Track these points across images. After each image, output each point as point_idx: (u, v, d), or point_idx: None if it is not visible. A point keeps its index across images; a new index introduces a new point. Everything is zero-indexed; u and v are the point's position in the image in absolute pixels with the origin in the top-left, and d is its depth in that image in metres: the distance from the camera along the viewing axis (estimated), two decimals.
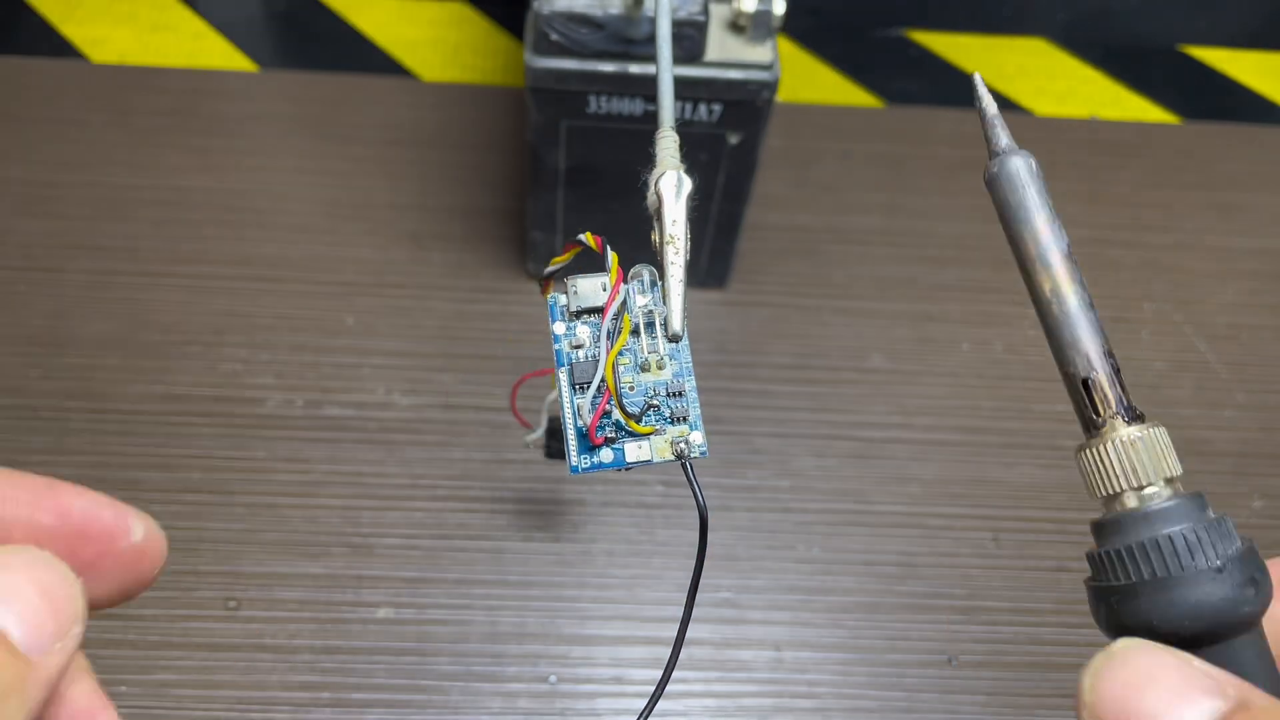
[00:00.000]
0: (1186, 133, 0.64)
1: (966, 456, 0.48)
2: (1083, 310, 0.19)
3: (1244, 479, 0.49)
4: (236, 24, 0.65)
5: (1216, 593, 0.16)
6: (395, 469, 0.46)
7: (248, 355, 0.49)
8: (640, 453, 0.25)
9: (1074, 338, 0.19)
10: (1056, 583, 0.45)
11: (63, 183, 0.55)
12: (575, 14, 0.40)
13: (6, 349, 0.49)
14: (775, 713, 0.41)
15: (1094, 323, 0.19)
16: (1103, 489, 0.18)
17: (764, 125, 0.44)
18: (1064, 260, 0.19)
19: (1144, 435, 0.18)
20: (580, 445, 0.25)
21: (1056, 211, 0.20)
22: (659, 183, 0.24)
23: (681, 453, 0.25)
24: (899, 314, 0.53)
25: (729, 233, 0.50)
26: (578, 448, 0.25)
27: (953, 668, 0.43)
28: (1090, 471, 0.18)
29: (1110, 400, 0.18)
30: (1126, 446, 0.18)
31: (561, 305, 0.26)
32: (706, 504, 0.25)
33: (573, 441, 0.25)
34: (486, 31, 0.66)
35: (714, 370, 0.50)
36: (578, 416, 0.25)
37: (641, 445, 0.25)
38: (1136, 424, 0.18)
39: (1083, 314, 0.19)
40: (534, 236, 0.50)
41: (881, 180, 0.59)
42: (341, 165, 0.57)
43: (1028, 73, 0.66)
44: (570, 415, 0.25)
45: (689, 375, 0.26)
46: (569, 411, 0.25)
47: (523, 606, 0.43)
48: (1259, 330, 0.54)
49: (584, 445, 0.25)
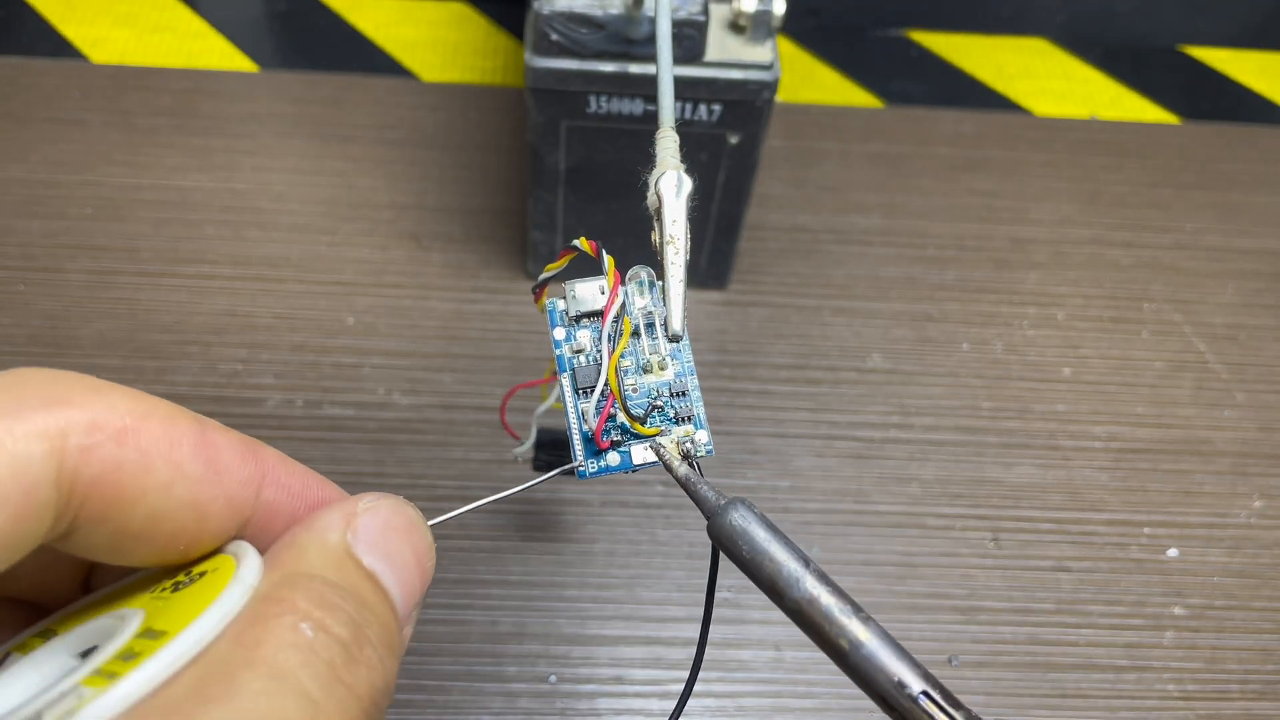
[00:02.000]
0: (1186, 133, 0.64)
1: (966, 456, 0.48)
2: (877, 636, 0.18)
3: (1244, 479, 0.49)
4: (236, 24, 0.65)
5: None
6: (395, 469, 0.46)
7: (248, 355, 0.49)
8: (647, 454, 0.25)
9: (885, 663, 0.18)
10: (1056, 583, 0.45)
11: (63, 183, 0.55)
12: (575, 14, 0.40)
13: (6, 349, 0.49)
14: (775, 713, 0.41)
15: (893, 640, 0.19)
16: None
17: (764, 125, 0.44)
18: (822, 587, 0.19)
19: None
20: (587, 450, 0.25)
21: (785, 538, 0.20)
22: (659, 183, 0.24)
23: (688, 452, 0.25)
24: (899, 314, 0.53)
25: (729, 233, 0.50)
26: (584, 452, 0.25)
27: (953, 668, 0.43)
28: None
29: (957, 703, 0.18)
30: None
31: (561, 311, 0.26)
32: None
33: (579, 446, 0.25)
34: (486, 31, 0.66)
35: (713, 370, 0.50)
36: (583, 421, 0.25)
37: (648, 447, 0.25)
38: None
39: (880, 639, 0.18)
40: (534, 236, 0.50)
41: (881, 180, 0.59)
42: (341, 165, 0.57)
43: (1028, 73, 0.66)
44: (575, 420, 0.25)
45: (691, 375, 0.26)
46: (574, 417, 0.25)
47: (523, 606, 0.43)
48: (1259, 330, 0.54)
49: (590, 449, 0.25)
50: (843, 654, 0.18)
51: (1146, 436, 0.50)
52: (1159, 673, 0.43)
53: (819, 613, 0.19)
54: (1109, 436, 0.50)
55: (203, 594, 0.17)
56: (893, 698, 0.18)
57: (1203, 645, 0.44)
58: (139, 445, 0.18)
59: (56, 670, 0.18)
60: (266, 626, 0.16)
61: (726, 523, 0.20)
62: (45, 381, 0.17)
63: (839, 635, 0.18)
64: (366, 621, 0.18)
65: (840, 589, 0.19)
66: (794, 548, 0.20)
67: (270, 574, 0.18)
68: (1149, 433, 0.50)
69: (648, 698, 0.41)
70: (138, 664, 0.16)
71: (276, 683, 0.15)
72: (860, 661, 0.18)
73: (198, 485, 0.18)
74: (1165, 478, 0.49)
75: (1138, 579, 0.45)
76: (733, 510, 0.21)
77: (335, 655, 0.16)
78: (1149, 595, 0.45)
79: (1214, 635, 0.44)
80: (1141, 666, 0.43)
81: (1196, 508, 0.48)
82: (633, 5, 0.39)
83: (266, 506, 0.20)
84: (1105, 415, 0.50)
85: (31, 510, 0.16)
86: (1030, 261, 0.56)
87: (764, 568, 0.20)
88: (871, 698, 0.18)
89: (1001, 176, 0.60)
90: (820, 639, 0.19)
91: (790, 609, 0.19)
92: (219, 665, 0.16)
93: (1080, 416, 0.50)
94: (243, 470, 0.19)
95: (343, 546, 0.19)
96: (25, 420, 0.16)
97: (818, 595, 0.19)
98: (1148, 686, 0.43)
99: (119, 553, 0.18)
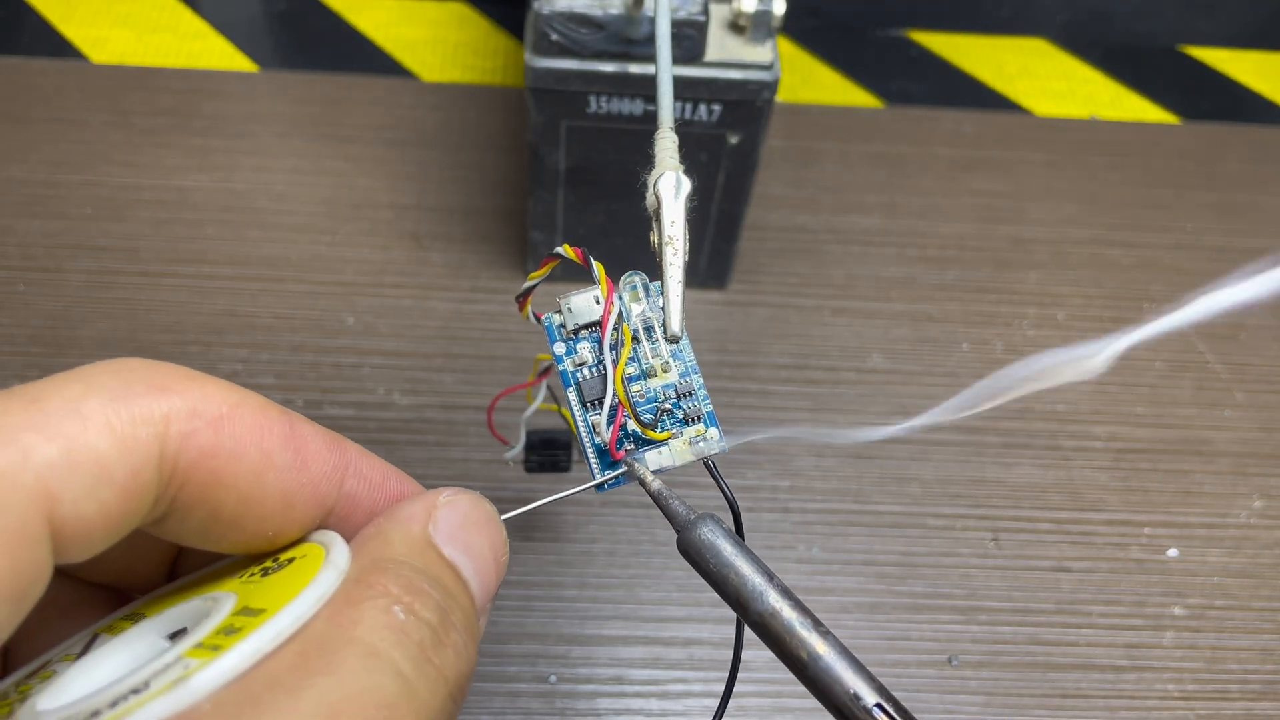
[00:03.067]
0: (1186, 133, 0.64)
1: (966, 456, 0.48)
2: (834, 650, 0.19)
3: (1244, 479, 0.49)
4: (236, 24, 0.65)
5: None
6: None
7: (248, 355, 0.49)
8: (661, 459, 0.25)
9: (841, 675, 0.19)
10: (1056, 583, 0.45)
11: (63, 183, 0.55)
12: (575, 14, 0.40)
13: (6, 349, 0.49)
14: (775, 713, 0.41)
15: (849, 654, 0.19)
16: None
17: (764, 125, 0.44)
18: (784, 602, 0.20)
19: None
20: (601, 462, 0.25)
21: (751, 553, 0.21)
22: (658, 183, 0.24)
23: (702, 452, 0.25)
24: (899, 314, 0.53)
25: (729, 233, 0.50)
26: (600, 465, 0.25)
27: (953, 668, 0.43)
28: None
29: (909, 715, 0.19)
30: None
31: (558, 325, 0.26)
32: (735, 498, 0.25)
33: (594, 460, 0.25)
34: (486, 31, 0.66)
35: (714, 370, 0.50)
36: (594, 434, 0.25)
37: (661, 451, 0.25)
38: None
39: (837, 653, 0.19)
40: (534, 236, 0.50)
41: (881, 180, 0.59)
42: (341, 165, 0.57)
43: (1028, 73, 0.66)
44: (585, 434, 0.25)
45: (696, 373, 0.26)
46: (584, 430, 0.25)
47: (522, 606, 0.43)
48: (1259, 330, 0.54)
49: (605, 461, 0.25)
50: (802, 666, 0.19)
51: (1146, 436, 0.50)
52: (1159, 673, 0.43)
53: (780, 626, 0.20)
54: (1109, 436, 0.50)
55: (295, 578, 0.18)
56: (848, 709, 0.19)
57: (1203, 645, 0.44)
58: (233, 433, 0.18)
59: (148, 650, 0.19)
60: (360, 608, 0.17)
61: (695, 537, 0.21)
62: (148, 370, 0.19)
63: (799, 648, 0.19)
64: (451, 608, 0.18)
65: (802, 604, 0.20)
66: (759, 563, 0.21)
67: (359, 560, 0.19)
68: (1149, 433, 0.50)
69: (647, 698, 0.41)
70: (242, 637, 0.16)
71: (373, 660, 0.16)
72: (819, 674, 0.19)
73: (286, 474, 0.19)
74: (1165, 478, 0.49)
75: (1138, 579, 0.45)
76: (701, 525, 0.21)
77: (425, 637, 0.17)
78: (1149, 595, 0.45)
79: (1214, 635, 0.44)
80: (1141, 666, 0.43)
81: (1196, 508, 0.48)
82: (633, 5, 0.39)
83: (348, 498, 0.20)
84: (1105, 415, 0.50)
85: (136, 491, 0.17)
86: (1030, 261, 0.56)
87: (729, 581, 0.20)
88: (828, 709, 0.19)
89: (1001, 176, 0.60)
90: (781, 651, 0.20)
91: (754, 622, 0.20)
92: (318, 642, 0.16)
93: (1080, 416, 0.50)
94: (328, 461, 0.20)
95: (425, 537, 0.19)
96: (132, 405, 0.18)
97: (779, 609, 0.20)
98: (1148, 686, 0.43)
99: (210, 538, 0.19)
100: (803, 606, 0.20)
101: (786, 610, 0.20)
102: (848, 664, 0.19)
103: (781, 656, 0.20)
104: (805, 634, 0.19)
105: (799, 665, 0.19)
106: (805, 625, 0.19)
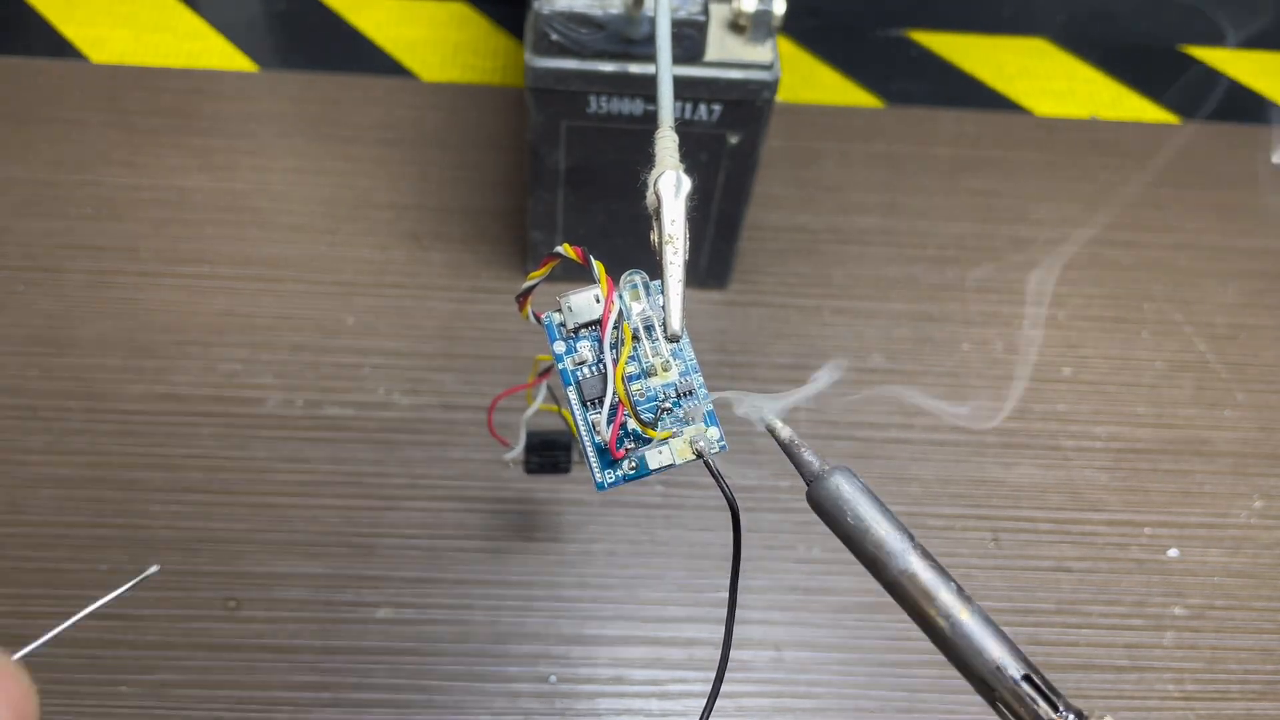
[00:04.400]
0: (1186, 133, 0.64)
1: (966, 456, 0.48)
2: (978, 617, 0.18)
3: (1244, 479, 0.49)
4: (236, 24, 0.65)
5: None
6: (395, 469, 0.46)
7: (247, 355, 0.49)
8: (661, 458, 0.25)
9: (985, 645, 0.18)
10: (1056, 583, 0.45)
11: (63, 183, 0.55)
12: (575, 14, 0.40)
13: (6, 349, 0.49)
14: (775, 713, 0.41)
15: (992, 622, 0.18)
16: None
17: (764, 125, 0.44)
18: (925, 563, 0.18)
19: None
20: (601, 461, 0.25)
21: (888, 509, 0.19)
22: (658, 182, 0.24)
23: (701, 451, 0.25)
24: (899, 314, 0.53)
25: (729, 233, 0.50)
26: (600, 464, 0.25)
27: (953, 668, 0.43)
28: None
29: (1055, 689, 0.18)
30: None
31: (558, 324, 0.26)
32: (735, 498, 0.25)
33: (594, 459, 0.25)
34: (486, 31, 0.66)
35: (714, 370, 0.50)
36: (594, 433, 0.25)
37: (661, 450, 0.25)
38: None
39: (981, 621, 0.18)
40: (534, 236, 0.50)
41: (881, 180, 0.59)
42: (341, 165, 0.57)
43: (1028, 73, 0.66)
44: (586, 433, 0.25)
45: (696, 373, 0.26)
46: (584, 429, 0.25)
47: (523, 607, 0.43)
48: (1259, 330, 0.54)
49: (605, 460, 0.25)
50: (941, 633, 0.18)
51: (1147, 436, 0.50)
52: (1159, 673, 0.43)
53: (918, 589, 0.18)
54: (1109, 436, 0.50)
55: None
56: (992, 679, 0.18)
57: (1203, 645, 0.44)
58: None
59: None
60: None
61: (831, 487, 0.19)
62: None
63: (938, 614, 0.18)
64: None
65: (943, 568, 0.18)
66: (898, 521, 0.19)
67: None
68: (1149, 433, 0.50)
69: (647, 698, 0.41)
70: None
71: None
72: (959, 642, 0.18)
73: None
74: (1165, 478, 0.49)
75: (1138, 579, 0.45)
76: (839, 475, 0.20)
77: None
78: (1149, 595, 0.45)
79: (1214, 635, 0.44)
80: (1141, 666, 0.43)
81: (1196, 508, 0.48)
82: (633, 5, 0.39)
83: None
84: (1106, 415, 0.50)
85: None
86: (1030, 261, 0.56)
87: (868, 536, 0.19)
88: (968, 679, 0.18)
89: (1001, 176, 0.60)
90: (918, 615, 0.18)
91: (889, 582, 0.18)
92: None
93: (1080, 416, 0.50)
94: None
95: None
96: None
97: (920, 571, 0.18)
98: (1148, 686, 0.43)
99: None
100: (944, 570, 0.18)
101: (927, 573, 0.18)
102: (991, 633, 0.18)
103: (918, 620, 0.18)
104: (948, 599, 0.18)
105: (937, 632, 0.18)
106: (949, 589, 0.18)
